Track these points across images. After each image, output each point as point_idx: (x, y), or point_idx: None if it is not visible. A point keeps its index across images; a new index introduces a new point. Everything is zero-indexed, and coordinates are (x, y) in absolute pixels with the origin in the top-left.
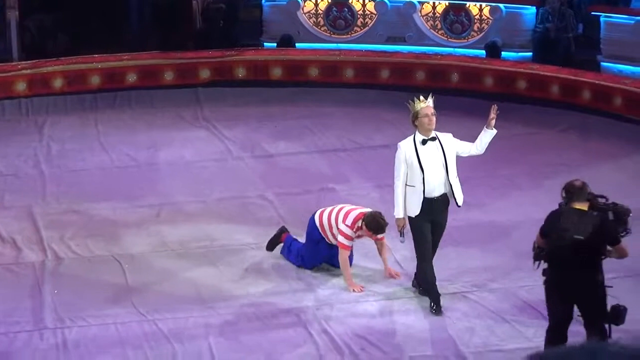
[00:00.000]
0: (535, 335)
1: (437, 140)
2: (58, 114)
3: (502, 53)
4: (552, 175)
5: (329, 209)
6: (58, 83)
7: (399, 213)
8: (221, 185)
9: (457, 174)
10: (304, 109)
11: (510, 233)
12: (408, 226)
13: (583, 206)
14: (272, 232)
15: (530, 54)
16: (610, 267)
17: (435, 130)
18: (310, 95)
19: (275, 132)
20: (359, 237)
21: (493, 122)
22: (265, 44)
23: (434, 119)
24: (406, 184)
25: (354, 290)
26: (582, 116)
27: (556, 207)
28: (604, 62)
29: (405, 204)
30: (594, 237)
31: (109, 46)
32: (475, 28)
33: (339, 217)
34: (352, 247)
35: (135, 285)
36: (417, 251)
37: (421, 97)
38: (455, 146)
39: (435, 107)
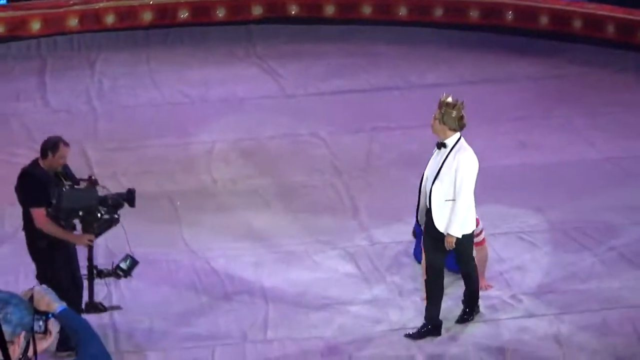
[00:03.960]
0: (590, 276)
1: (448, 150)
2: (110, 50)
3: None
4: (608, 116)
5: None
6: (110, 19)
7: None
8: (274, 123)
9: (454, 199)
10: (357, 47)
11: (565, 174)
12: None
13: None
14: (325, 171)
15: None
16: None
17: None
18: (363, 33)
19: (328, 70)
20: None
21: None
22: None
23: (432, 122)
24: None
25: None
26: (639, 56)
27: (612, 147)
28: None
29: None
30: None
31: None
32: None
33: None
34: None
35: (186, 222)
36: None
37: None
38: (457, 172)
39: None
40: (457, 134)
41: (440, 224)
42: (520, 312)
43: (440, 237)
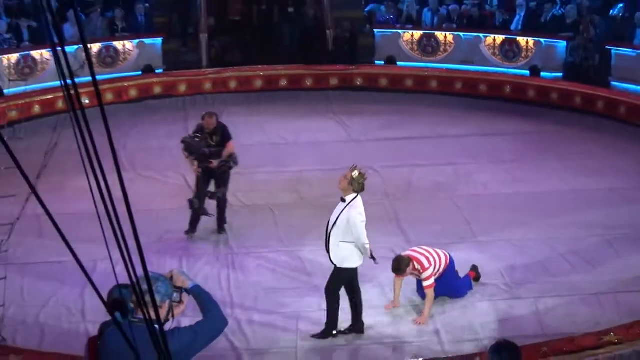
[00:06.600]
0: (559, 272)
1: (345, 205)
2: (233, 105)
3: (542, 73)
4: (575, 160)
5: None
6: (233, 84)
7: None
8: (343, 159)
9: (344, 240)
10: (402, 108)
11: (544, 200)
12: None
13: None
14: (377, 193)
15: (561, 74)
16: None
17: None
18: (407, 99)
19: (382, 124)
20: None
21: None
22: (376, 61)
23: (342, 180)
24: None
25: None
26: (597, 120)
27: (577, 182)
28: (614, 82)
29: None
30: None
31: (269, 59)
32: (523, 55)
33: None
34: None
35: (282, 226)
36: None
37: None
38: (348, 223)
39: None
40: (355, 194)
41: (335, 259)
42: (510, 295)
43: (336, 268)
